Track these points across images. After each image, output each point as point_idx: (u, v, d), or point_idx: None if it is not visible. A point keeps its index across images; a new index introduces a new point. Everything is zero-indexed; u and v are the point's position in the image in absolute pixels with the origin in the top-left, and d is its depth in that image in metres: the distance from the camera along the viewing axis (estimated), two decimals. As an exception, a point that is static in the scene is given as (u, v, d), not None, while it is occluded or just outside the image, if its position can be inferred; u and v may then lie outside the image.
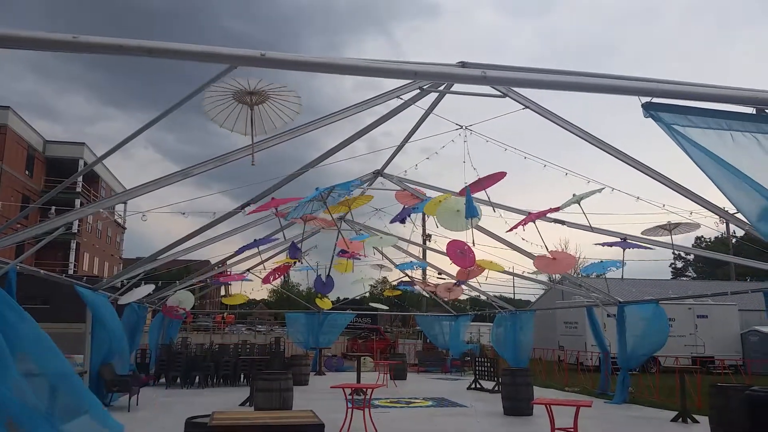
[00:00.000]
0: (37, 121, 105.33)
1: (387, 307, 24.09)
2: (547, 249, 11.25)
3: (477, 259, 12.88)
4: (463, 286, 19.28)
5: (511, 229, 11.07)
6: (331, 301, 22.19)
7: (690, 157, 4.48)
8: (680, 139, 4.46)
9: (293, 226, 13.90)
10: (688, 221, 10.35)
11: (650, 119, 4.63)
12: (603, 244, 12.32)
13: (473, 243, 11.47)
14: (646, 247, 11.95)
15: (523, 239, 12.93)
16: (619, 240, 12.00)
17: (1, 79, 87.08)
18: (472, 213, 9.58)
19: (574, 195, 9.99)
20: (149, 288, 14.84)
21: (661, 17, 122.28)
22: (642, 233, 11.42)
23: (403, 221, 13.52)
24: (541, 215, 10.88)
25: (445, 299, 22.95)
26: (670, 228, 10.58)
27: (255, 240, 13.01)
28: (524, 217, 11.07)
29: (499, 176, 9.92)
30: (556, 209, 10.72)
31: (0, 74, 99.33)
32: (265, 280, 16.85)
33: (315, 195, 9.48)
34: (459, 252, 11.41)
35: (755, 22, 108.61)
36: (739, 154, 4.42)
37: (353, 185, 10.00)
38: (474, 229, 12.28)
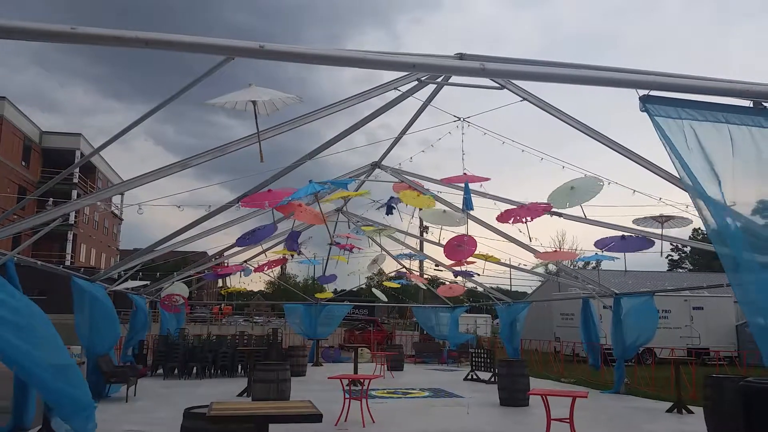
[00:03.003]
0: (38, 113, 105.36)
1: (386, 299, 24.07)
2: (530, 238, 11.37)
3: (476, 252, 12.92)
4: (461, 281, 19.37)
5: (505, 219, 11.09)
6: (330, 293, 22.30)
7: (671, 155, 4.50)
8: (667, 140, 4.48)
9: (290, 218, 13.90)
10: (682, 216, 10.37)
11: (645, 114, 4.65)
12: (602, 248, 12.11)
13: (466, 235, 11.56)
14: (642, 245, 11.83)
15: (519, 231, 12.97)
16: (617, 236, 11.90)
17: (3, 71, 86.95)
18: (469, 206, 9.65)
19: (572, 188, 10.05)
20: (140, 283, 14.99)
21: (660, 9, 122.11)
22: (633, 222, 11.40)
23: (389, 211, 13.43)
24: (535, 215, 10.89)
25: (446, 296, 23.05)
26: (663, 220, 10.58)
27: (256, 228, 13.00)
28: (515, 207, 11.11)
29: (483, 179, 10.10)
30: (548, 207, 10.75)
31: (2, 66, 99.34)
32: (259, 269, 16.87)
33: (309, 192, 9.41)
34: (457, 245, 11.48)
35: (754, 16, 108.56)
36: (734, 147, 4.44)
37: (349, 185, 9.99)
38: (470, 222, 12.33)
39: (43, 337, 6.68)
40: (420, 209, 12.13)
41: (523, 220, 11.02)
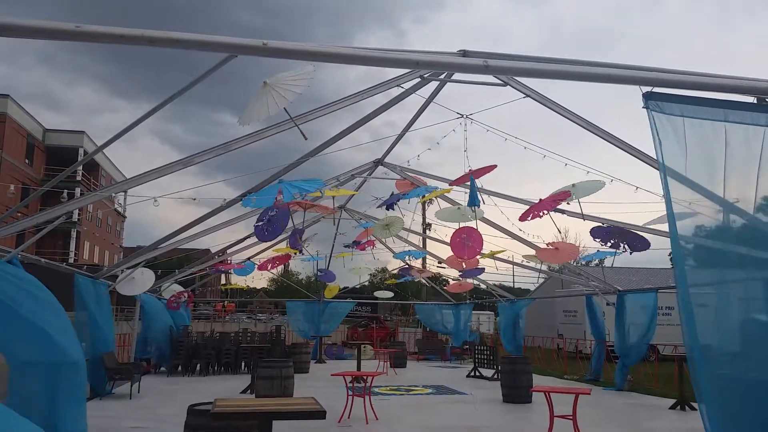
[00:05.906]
0: (45, 112, 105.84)
1: (392, 294, 23.97)
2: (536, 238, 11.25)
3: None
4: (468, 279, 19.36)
5: (524, 217, 11.04)
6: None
7: (657, 156, 4.52)
8: (660, 137, 4.49)
9: (294, 214, 13.92)
10: (687, 211, 10.30)
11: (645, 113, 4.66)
12: (600, 241, 11.72)
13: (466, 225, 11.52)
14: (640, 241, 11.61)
15: (520, 229, 12.95)
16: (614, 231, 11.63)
17: (10, 70, 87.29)
18: (474, 202, 9.63)
19: (574, 185, 10.02)
20: (150, 276, 14.72)
21: (662, 7, 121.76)
22: (643, 226, 11.35)
23: (390, 207, 13.40)
24: (554, 204, 10.81)
25: (451, 292, 23.06)
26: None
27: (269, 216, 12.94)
28: (531, 205, 11.06)
29: (489, 168, 10.07)
30: (564, 196, 10.65)
31: (10, 65, 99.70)
32: (263, 267, 16.86)
33: (288, 195, 9.24)
34: (465, 242, 11.44)
35: (757, 12, 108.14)
36: (729, 145, 4.45)
37: (318, 188, 9.95)
38: (477, 219, 12.31)
39: None
40: (427, 203, 12.03)
41: (541, 214, 10.96)
